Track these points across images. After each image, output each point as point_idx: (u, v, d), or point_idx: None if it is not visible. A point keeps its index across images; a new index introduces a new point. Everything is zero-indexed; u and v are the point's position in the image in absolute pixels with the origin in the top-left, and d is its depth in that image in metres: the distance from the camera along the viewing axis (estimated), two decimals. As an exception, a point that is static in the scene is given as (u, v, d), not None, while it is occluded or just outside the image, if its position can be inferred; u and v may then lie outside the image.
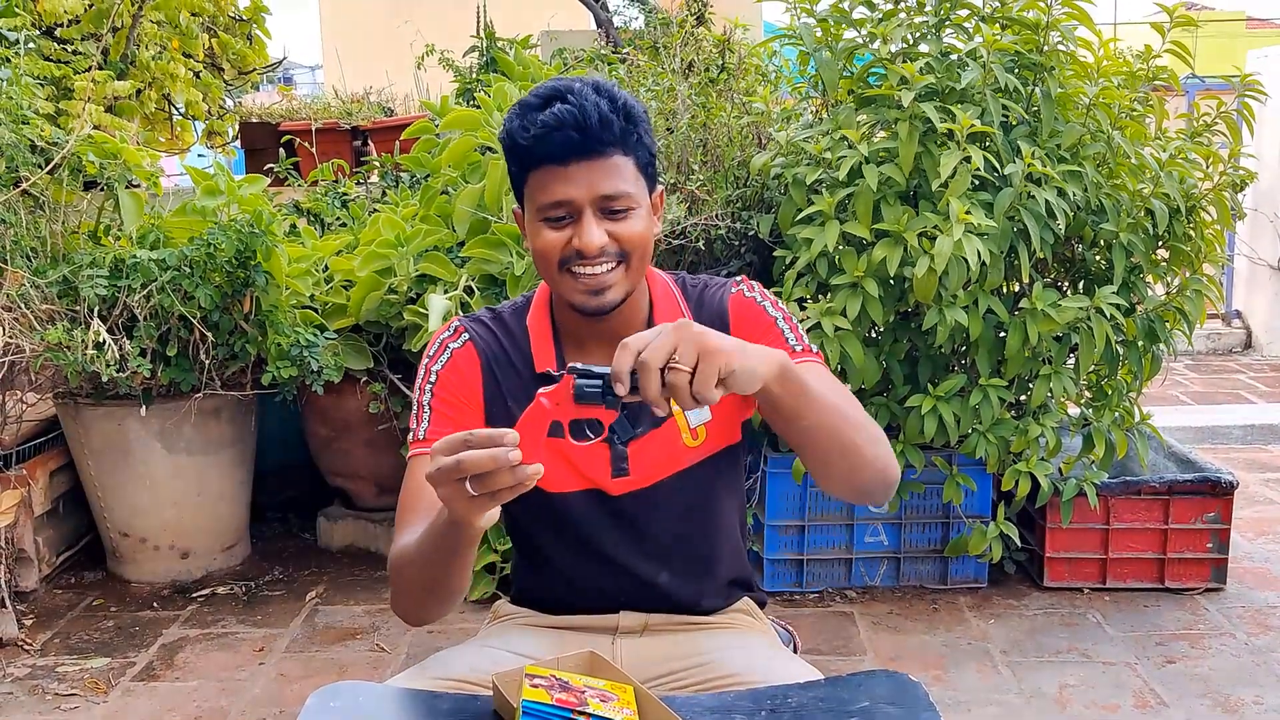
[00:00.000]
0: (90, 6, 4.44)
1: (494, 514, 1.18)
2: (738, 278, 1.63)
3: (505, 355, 1.55)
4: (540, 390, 1.18)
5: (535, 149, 1.41)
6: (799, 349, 1.53)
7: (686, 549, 1.60)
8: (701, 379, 1.16)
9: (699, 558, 1.62)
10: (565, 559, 1.59)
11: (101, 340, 3.04)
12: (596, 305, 1.46)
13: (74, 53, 4.34)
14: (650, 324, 1.55)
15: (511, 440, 1.12)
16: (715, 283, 1.62)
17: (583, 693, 1.22)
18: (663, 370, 1.16)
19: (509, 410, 1.53)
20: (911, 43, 3.14)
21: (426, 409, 1.52)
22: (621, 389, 1.16)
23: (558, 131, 1.39)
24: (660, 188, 1.54)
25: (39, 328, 3.08)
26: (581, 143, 1.40)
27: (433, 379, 1.54)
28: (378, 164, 4.30)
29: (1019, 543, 3.36)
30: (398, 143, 4.14)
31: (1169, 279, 3.28)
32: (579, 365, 1.18)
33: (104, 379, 3.12)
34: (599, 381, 1.16)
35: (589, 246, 1.41)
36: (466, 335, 1.56)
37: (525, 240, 1.51)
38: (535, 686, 1.21)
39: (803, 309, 2.99)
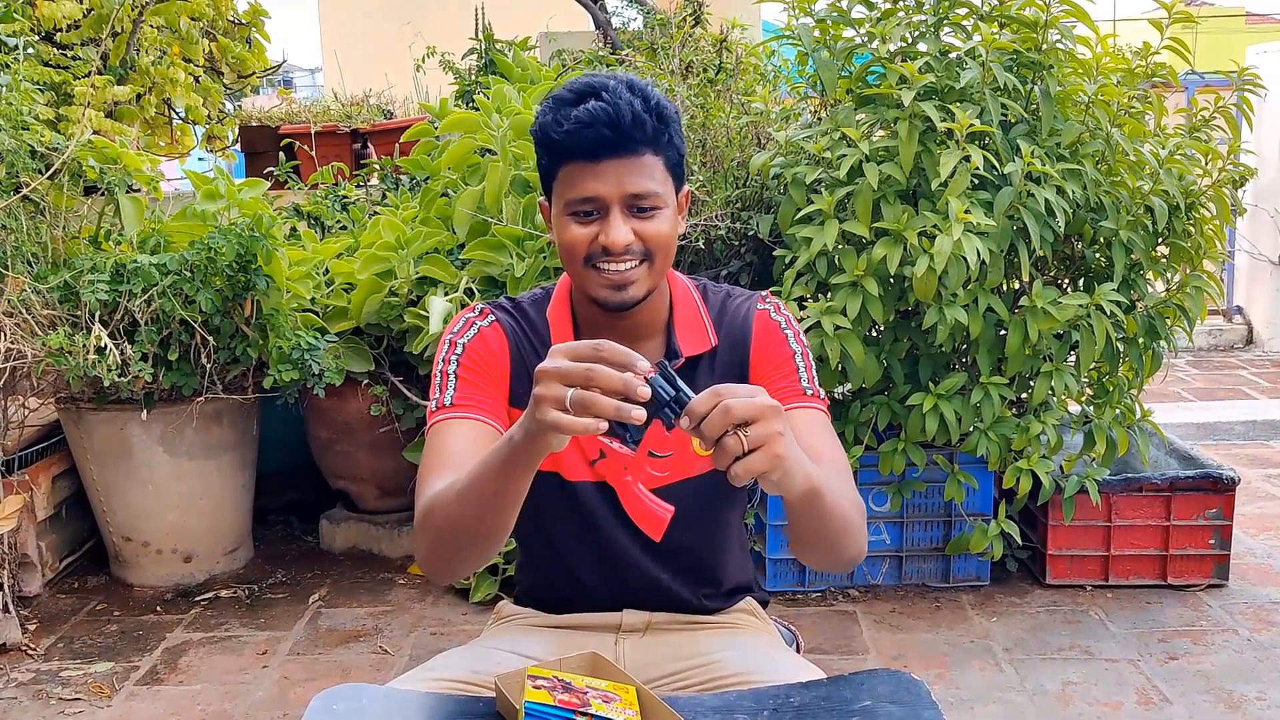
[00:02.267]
0: (90, 12, 4.44)
1: (565, 438, 1.17)
2: (763, 293, 1.63)
3: (529, 342, 1.56)
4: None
5: (567, 144, 1.41)
6: (809, 392, 1.54)
7: (689, 557, 1.60)
8: (746, 465, 1.15)
9: (701, 566, 1.62)
10: (573, 551, 1.59)
11: (103, 345, 3.05)
12: (619, 300, 1.46)
13: (73, 58, 4.34)
14: (670, 326, 1.56)
15: (643, 368, 1.12)
16: (739, 293, 1.62)
17: (585, 694, 1.23)
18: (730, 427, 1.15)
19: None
20: (910, 42, 3.14)
21: (451, 378, 1.51)
22: (686, 422, 1.15)
23: (590, 128, 1.39)
24: (687, 187, 1.54)
25: (40, 333, 3.08)
26: (613, 140, 1.40)
27: (459, 350, 1.53)
28: (377, 167, 4.31)
29: (1021, 540, 3.36)
30: (397, 145, 4.14)
31: (1169, 276, 3.28)
32: (668, 366, 1.17)
33: (105, 383, 3.12)
34: (672, 392, 1.15)
35: (615, 243, 1.42)
36: (493, 316, 1.57)
37: (550, 233, 1.51)
38: (538, 688, 1.21)
39: (803, 308, 2.99)
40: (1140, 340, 3.20)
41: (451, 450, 1.44)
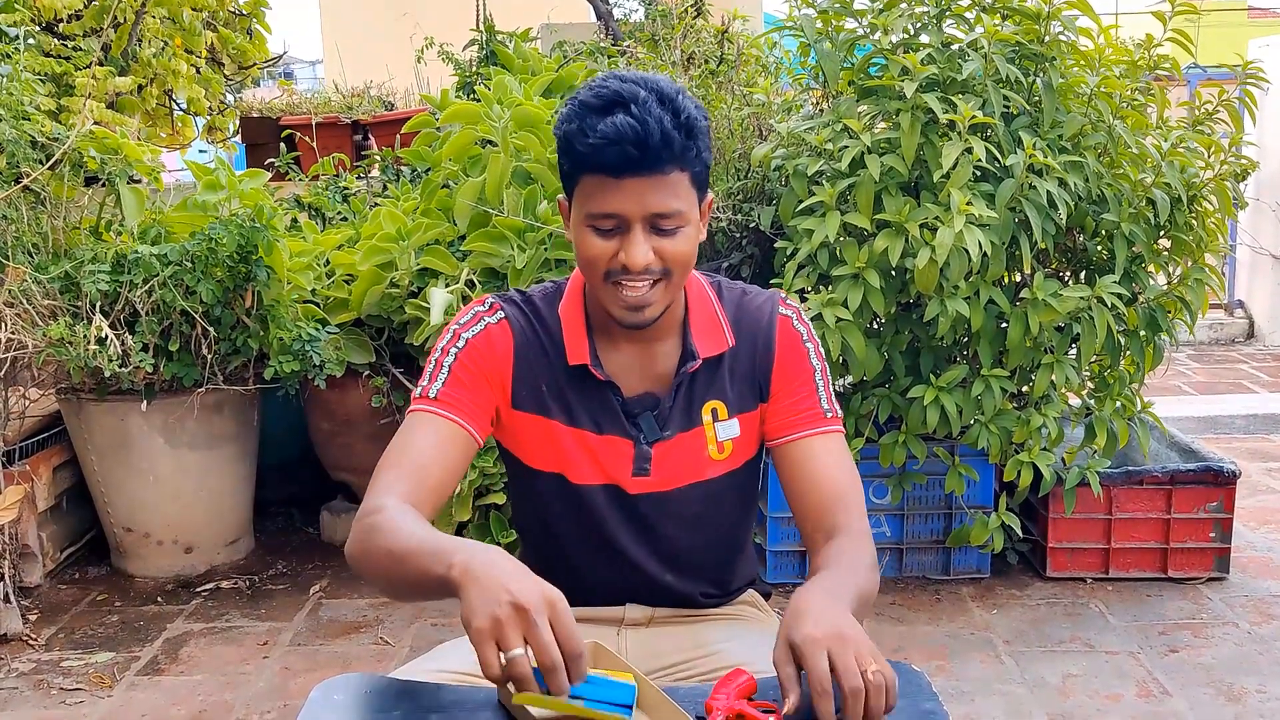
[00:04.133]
0: (91, 2, 4.43)
1: None
2: (781, 294, 1.61)
3: (537, 340, 1.52)
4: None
5: (591, 157, 1.36)
6: (829, 414, 1.53)
7: (696, 558, 1.59)
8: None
9: (708, 568, 1.61)
10: (578, 551, 1.58)
11: (104, 335, 3.04)
12: (635, 320, 1.44)
13: (75, 49, 4.34)
14: (685, 328, 1.53)
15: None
16: (756, 291, 1.59)
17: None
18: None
19: (540, 394, 1.51)
20: (912, 33, 3.13)
21: (445, 369, 1.49)
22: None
23: (616, 145, 1.33)
24: (710, 195, 1.49)
25: (41, 323, 3.08)
26: (639, 159, 1.34)
27: (460, 344, 1.50)
28: (378, 158, 4.30)
29: (1021, 533, 3.36)
30: (398, 136, 4.13)
31: (1171, 268, 3.27)
32: None
33: (106, 374, 3.12)
34: None
35: (635, 263, 1.38)
36: (502, 313, 1.53)
37: (567, 231, 1.47)
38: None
39: (804, 300, 2.99)
40: (1141, 333, 3.20)
41: (416, 451, 1.44)
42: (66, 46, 4.35)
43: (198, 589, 3.44)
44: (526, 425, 1.53)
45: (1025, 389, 3.28)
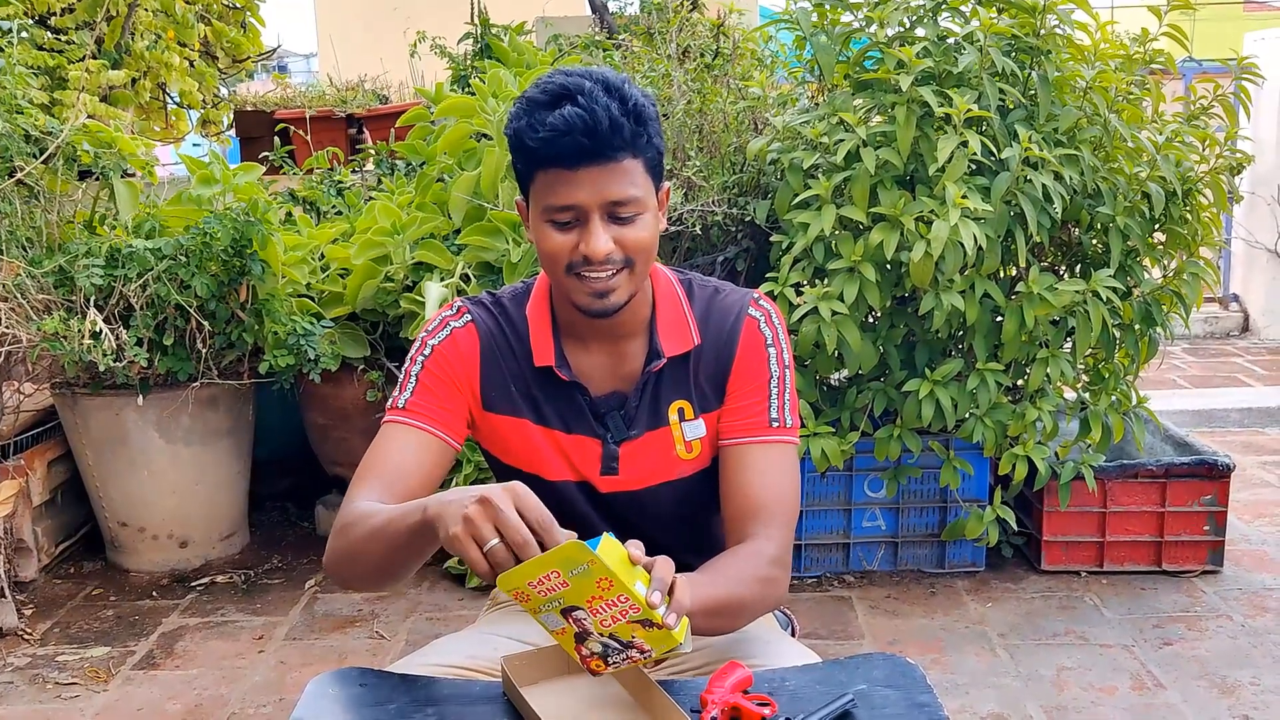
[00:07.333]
0: (83, -5, 4.43)
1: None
2: (756, 294, 1.59)
3: (505, 341, 1.54)
4: None
5: (542, 151, 1.37)
6: (775, 423, 1.52)
7: (678, 556, 1.59)
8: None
9: (692, 564, 1.61)
10: None
11: (98, 330, 3.04)
12: (601, 308, 1.44)
13: (68, 42, 4.33)
14: (652, 325, 1.53)
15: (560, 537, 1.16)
16: (730, 290, 1.58)
17: (584, 620, 1.20)
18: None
19: (510, 394, 1.53)
20: (908, 26, 3.13)
21: (413, 379, 1.51)
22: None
23: (567, 136, 1.34)
24: (666, 185, 1.50)
25: (35, 318, 3.07)
26: (591, 148, 1.35)
27: (427, 352, 1.52)
28: (373, 152, 4.29)
29: (1016, 527, 3.37)
30: (393, 130, 4.13)
31: (1166, 262, 3.28)
32: None
33: (101, 369, 3.12)
34: None
35: (595, 253, 1.39)
36: (469, 316, 1.55)
37: (528, 231, 1.48)
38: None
39: (799, 294, 2.99)
40: (1136, 327, 3.21)
41: (391, 461, 1.47)
42: (59, 40, 4.35)
43: (193, 583, 3.44)
44: (500, 426, 1.55)
45: (1020, 383, 3.28)
